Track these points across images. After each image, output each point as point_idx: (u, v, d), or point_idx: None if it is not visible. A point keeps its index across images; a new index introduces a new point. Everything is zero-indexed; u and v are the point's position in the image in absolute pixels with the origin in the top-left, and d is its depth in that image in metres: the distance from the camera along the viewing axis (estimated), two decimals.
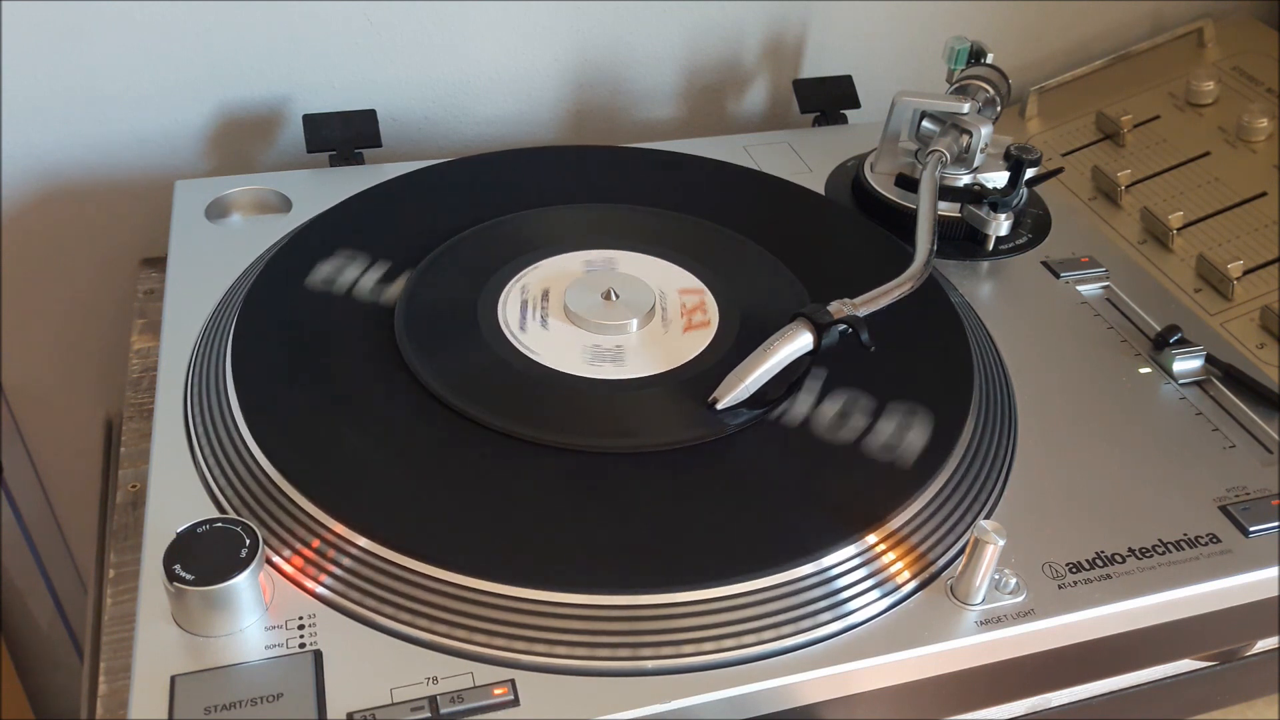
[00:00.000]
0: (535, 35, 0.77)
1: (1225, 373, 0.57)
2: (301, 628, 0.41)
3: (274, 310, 0.55)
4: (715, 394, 0.51)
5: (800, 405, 0.52)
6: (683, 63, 0.82)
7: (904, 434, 0.50)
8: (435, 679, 0.40)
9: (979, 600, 0.44)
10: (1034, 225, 0.68)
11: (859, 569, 0.45)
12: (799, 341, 0.51)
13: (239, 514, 0.45)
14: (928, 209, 0.61)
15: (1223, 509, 0.49)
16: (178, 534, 0.41)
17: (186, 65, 0.71)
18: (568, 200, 0.65)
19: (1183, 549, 0.48)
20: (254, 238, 0.62)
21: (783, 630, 0.42)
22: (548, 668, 0.41)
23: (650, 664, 0.41)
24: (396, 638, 0.41)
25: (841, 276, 0.59)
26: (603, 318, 0.55)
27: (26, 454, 0.84)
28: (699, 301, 0.58)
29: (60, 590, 0.91)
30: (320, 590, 0.43)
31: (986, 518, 0.48)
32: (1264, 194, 0.74)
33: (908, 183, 0.67)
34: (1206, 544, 0.48)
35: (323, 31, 0.73)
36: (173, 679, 0.39)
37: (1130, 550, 0.47)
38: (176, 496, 0.46)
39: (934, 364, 0.55)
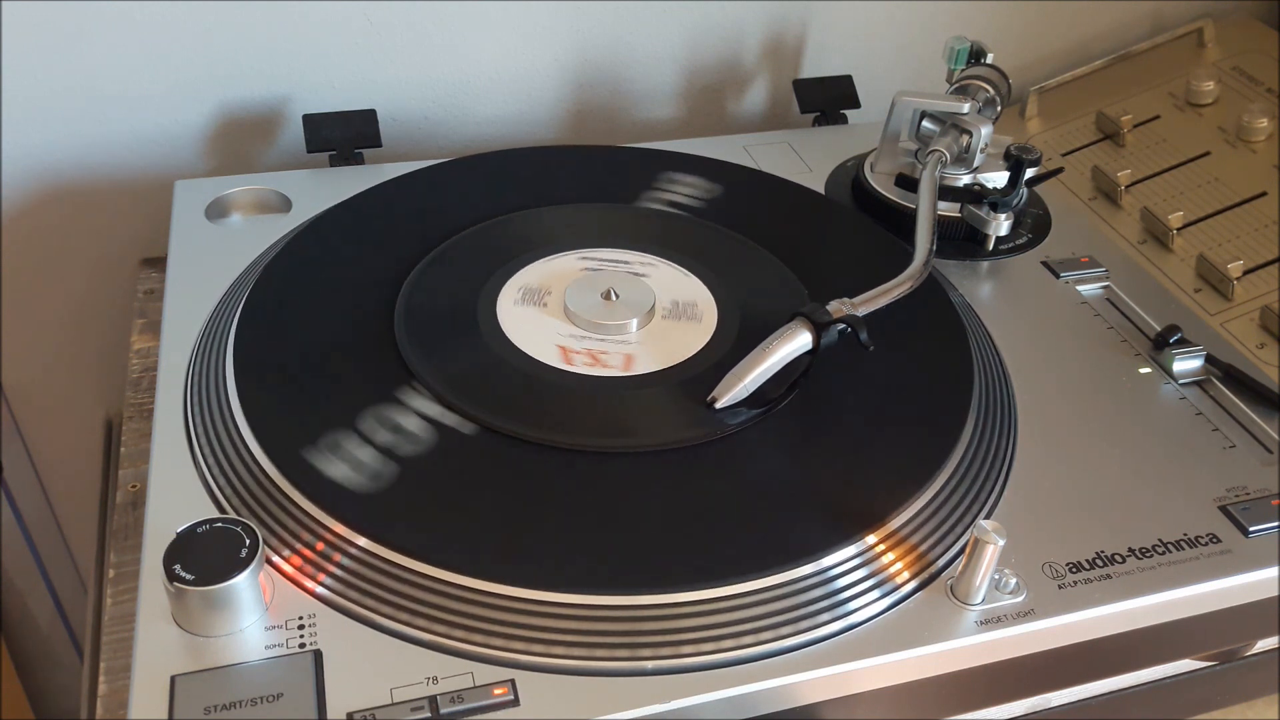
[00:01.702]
0: (535, 35, 0.77)
1: (1225, 373, 0.57)
2: (301, 628, 0.41)
3: (274, 310, 0.55)
4: (714, 393, 0.51)
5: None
6: (683, 63, 0.82)
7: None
8: (435, 679, 0.40)
9: (979, 600, 0.44)
10: (1034, 225, 0.68)
11: (859, 569, 0.45)
12: (798, 341, 0.51)
13: (239, 514, 0.45)
14: (927, 209, 0.61)
15: (1223, 509, 0.49)
16: (178, 534, 0.41)
17: (186, 65, 0.71)
18: (568, 200, 0.65)
19: (1183, 549, 0.48)
20: (254, 238, 0.62)
21: (783, 630, 0.42)
22: (548, 668, 0.41)
23: (650, 664, 0.41)
24: (396, 638, 0.41)
25: (841, 276, 0.59)
26: (603, 318, 0.55)
27: (26, 454, 0.84)
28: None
29: (60, 590, 0.91)
30: (320, 590, 0.43)
31: (986, 518, 0.48)
32: (1264, 194, 0.74)
33: (908, 183, 0.67)
34: (1206, 544, 0.48)
35: (323, 31, 0.73)
36: (173, 679, 0.39)
37: (1130, 550, 0.47)
38: (176, 496, 0.46)
39: (934, 364, 0.55)
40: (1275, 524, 0.49)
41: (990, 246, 0.65)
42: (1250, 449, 0.53)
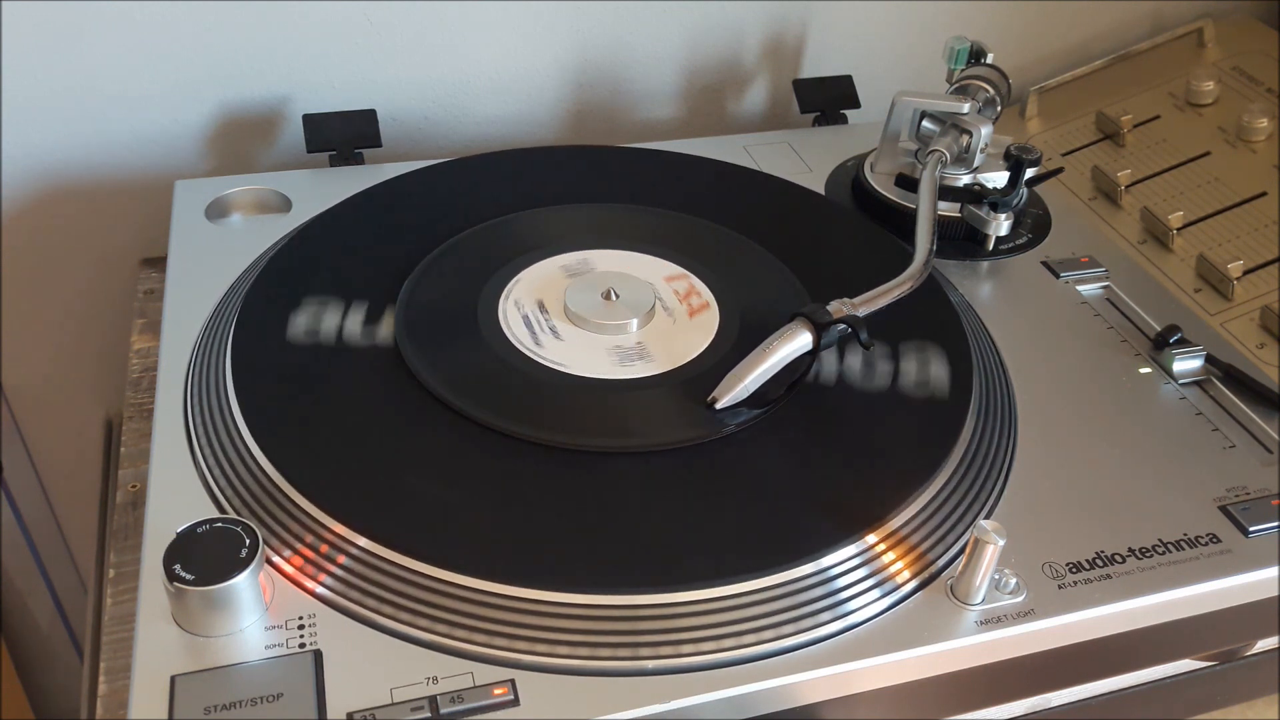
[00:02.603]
0: (535, 35, 0.77)
1: (1225, 373, 0.57)
2: (301, 628, 0.41)
3: (274, 310, 0.55)
4: (714, 393, 0.51)
5: (800, 405, 0.52)
6: (683, 63, 0.82)
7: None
8: (435, 679, 0.40)
9: (979, 600, 0.44)
10: (1034, 225, 0.68)
11: (859, 569, 0.45)
12: (798, 341, 0.51)
13: (239, 514, 0.45)
14: (927, 209, 0.61)
15: (1223, 509, 0.49)
16: (178, 534, 0.41)
17: (186, 65, 0.71)
18: (568, 200, 0.65)
19: (1183, 549, 0.48)
20: (254, 238, 0.62)
21: (783, 630, 0.42)
22: (548, 668, 0.41)
23: (650, 664, 0.41)
24: (396, 638, 0.41)
25: (841, 276, 0.59)
26: (603, 318, 0.55)
27: (26, 454, 0.84)
28: (701, 302, 0.58)
29: (60, 590, 0.91)
30: (320, 590, 0.43)
31: (986, 518, 0.48)
32: (1264, 194, 0.74)
33: (908, 183, 0.67)
34: (1206, 544, 0.48)
35: (323, 31, 0.73)
36: (173, 679, 0.39)
37: (1130, 550, 0.47)
38: (176, 496, 0.46)
39: (934, 364, 0.55)
40: (1275, 524, 0.49)
41: (990, 246, 0.65)
42: (1250, 449, 0.53)
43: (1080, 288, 0.63)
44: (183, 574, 0.40)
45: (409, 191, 0.66)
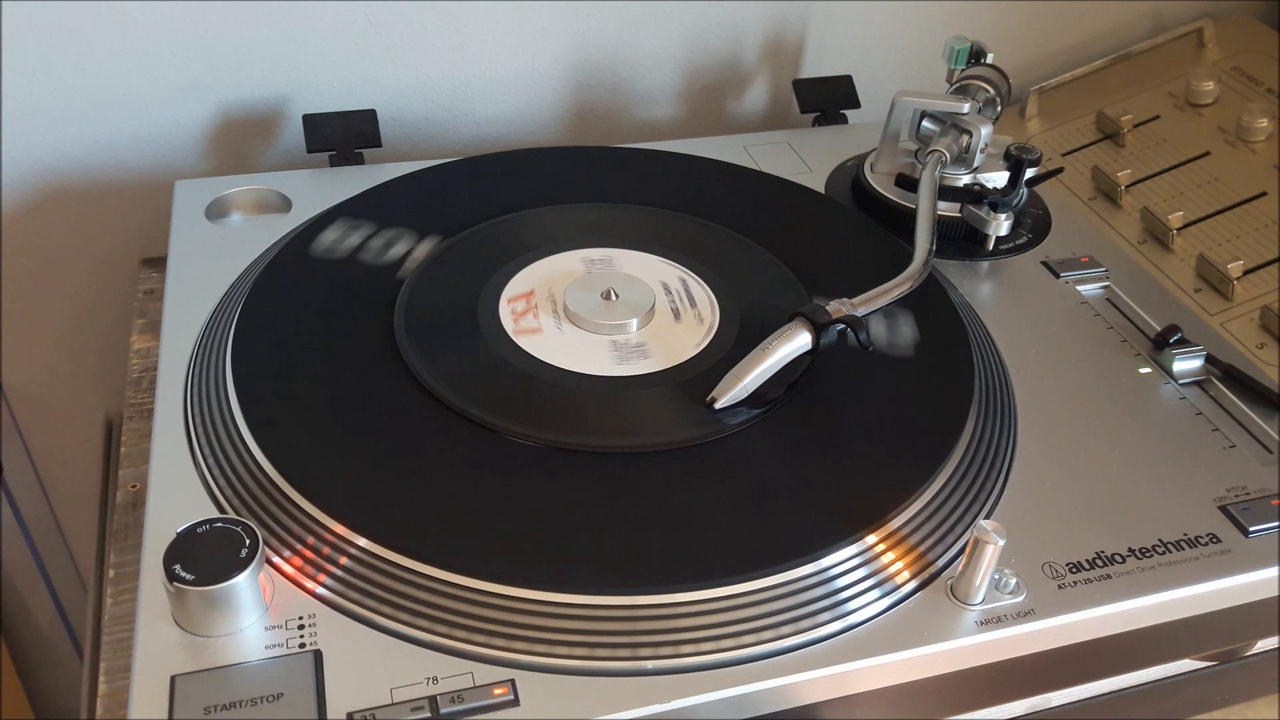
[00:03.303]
0: (535, 35, 0.77)
1: (1225, 373, 0.57)
2: (301, 628, 0.41)
3: (274, 310, 0.55)
4: (714, 393, 0.51)
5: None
6: (683, 63, 0.82)
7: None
8: (435, 679, 0.40)
9: (979, 600, 0.44)
10: (1034, 225, 0.68)
11: (859, 569, 0.45)
12: (797, 341, 0.51)
13: (239, 514, 0.45)
14: (927, 209, 0.61)
15: (1223, 509, 0.49)
16: (178, 534, 0.41)
17: (186, 65, 0.71)
18: (568, 200, 0.65)
19: (1183, 549, 0.48)
20: (254, 238, 0.62)
21: (783, 630, 0.42)
22: (548, 668, 0.41)
23: (650, 664, 0.41)
24: (396, 638, 0.41)
25: (841, 276, 0.59)
26: (603, 318, 0.55)
27: (26, 454, 0.84)
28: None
29: (60, 590, 0.91)
30: (320, 590, 0.43)
31: (986, 518, 0.48)
32: (1264, 194, 0.74)
33: (908, 183, 0.67)
34: (1206, 544, 0.48)
35: (323, 31, 0.73)
36: (173, 679, 0.39)
37: (1130, 550, 0.47)
38: (176, 496, 0.46)
39: (934, 364, 0.55)
40: (1275, 524, 0.49)
41: (990, 246, 0.65)
42: (1250, 449, 0.53)
43: (1080, 288, 0.63)
44: (183, 574, 0.40)
45: (409, 191, 0.66)
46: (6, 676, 0.87)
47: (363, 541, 0.43)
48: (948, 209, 0.65)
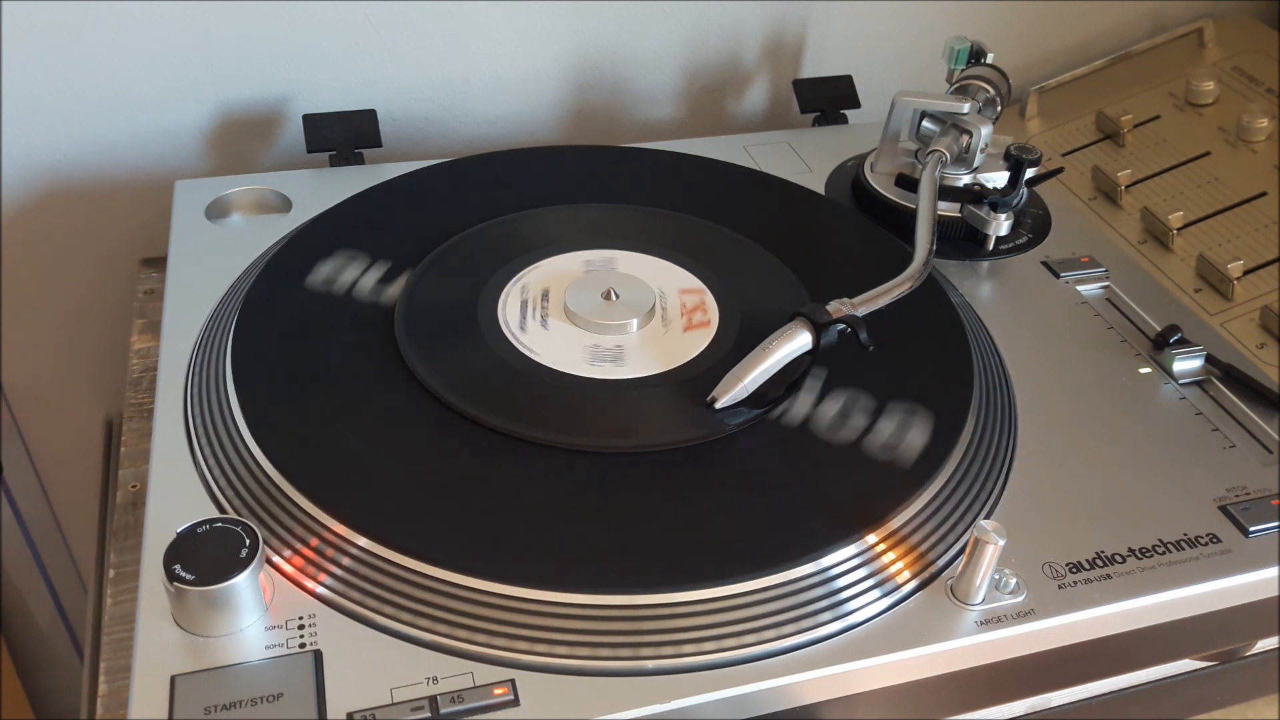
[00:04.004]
0: (535, 35, 0.77)
1: (1225, 373, 0.57)
2: (301, 628, 0.41)
3: (274, 310, 0.55)
4: (714, 393, 0.51)
5: (800, 405, 0.52)
6: (683, 63, 0.82)
7: (904, 433, 0.50)
8: (435, 679, 0.40)
9: (979, 600, 0.44)
10: (1034, 225, 0.68)
11: (859, 569, 0.45)
12: (797, 341, 0.51)
13: (239, 514, 0.45)
14: (927, 209, 0.61)
15: (1223, 509, 0.49)
16: (178, 534, 0.41)
17: (186, 65, 0.71)
18: (568, 200, 0.65)
19: (1183, 549, 0.48)
20: (254, 238, 0.62)
21: (783, 630, 0.42)
22: (548, 668, 0.41)
23: (650, 664, 0.41)
24: (396, 638, 0.41)
25: (841, 276, 0.59)
26: (603, 318, 0.55)
27: (26, 454, 0.84)
28: (699, 301, 0.58)
29: (60, 590, 0.91)
30: (320, 590, 0.43)
31: (986, 518, 0.48)
32: (1264, 194, 0.74)
33: (908, 183, 0.67)
34: (1206, 544, 0.48)
35: (323, 31, 0.73)
36: (173, 679, 0.39)
37: (1130, 550, 0.47)
38: (176, 496, 0.46)
39: (934, 364, 0.55)
40: (1275, 524, 0.49)
41: (990, 246, 0.65)
42: (1250, 449, 0.53)
43: (1080, 288, 0.63)
44: (183, 574, 0.40)
45: (409, 191, 0.66)
46: (6, 676, 0.87)
47: (363, 541, 0.43)
48: (948, 209, 0.65)
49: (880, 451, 0.49)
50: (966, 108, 0.66)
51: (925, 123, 0.67)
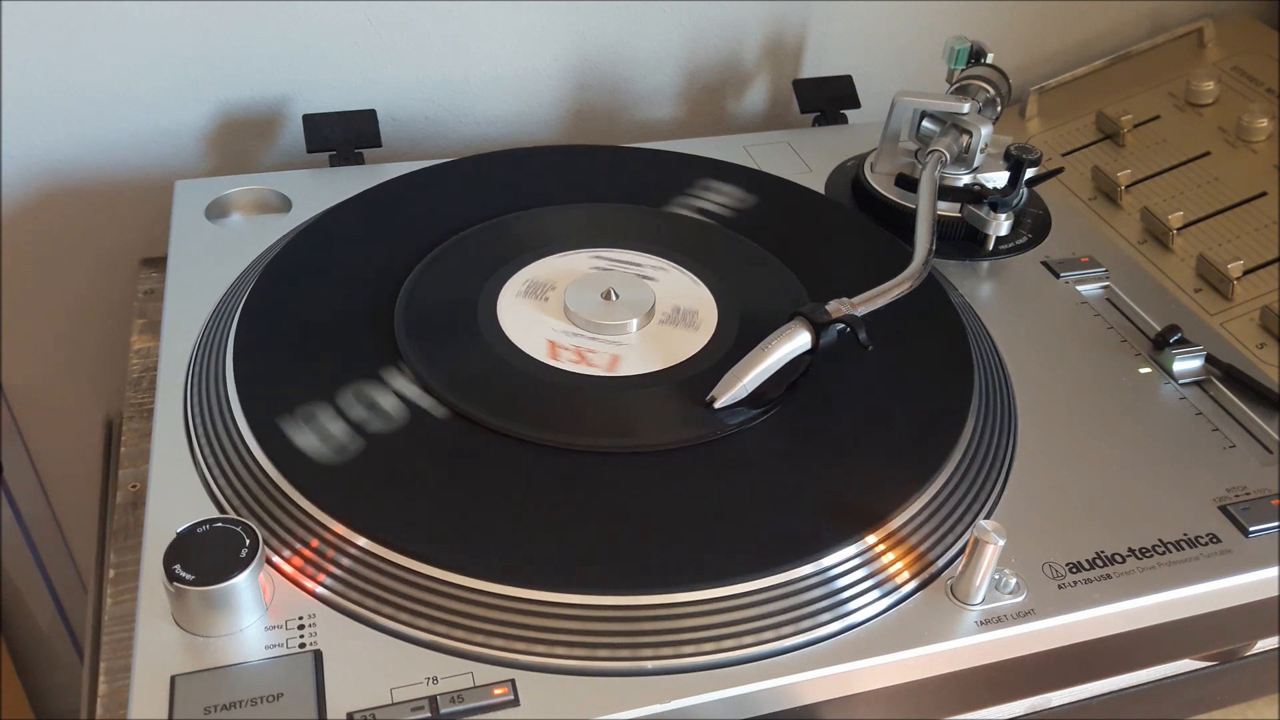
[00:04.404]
0: (535, 35, 0.77)
1: (1225, 373, 0.57)
2: (301, 628, 0.41)
3: (274, 310, 0.55)
4: (713, 393, 0.51)
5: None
6: (683, 63, 0.82)
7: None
8: (435, 679, 0.40)
9: (979, 600, 0.44)
10: (1034, 225, 0.68)
11: (859, 569, 0.45)
12: (797, 340, 0.51)
13: (239, 514, 0.45)
14: (927, 209, 0.61)
15: (1223, 509, 0.49)
16: (178, 534, 0.41)
17: (186, 65, 0.71)
18: (568, 200, 0.65)
19: (1183, 549, 0.48)
20: (254, 238, 0.62)
21: (783, 630, 0.42)
22: (548, 668, 0.41)
23: (650, 664, 0.41)
24: (396, 638, 0.41)
25: (841, 276, 0.59)
26: (603, 318, 0.55)
27: (26, 454, 0.84)
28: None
29: (60, 590, 0.91)
30: (320, 590, 0.43)
31: (986, 518, 0.48)
32: (1264, 194, 0.74)
33: (908, 183, 0.67)
34: (1206, 544, 0.48)
35: (323, 31, 0.73)
36: (173, 679, 0.39)
37: (1130, 550, 0.47)
38: (176, 496, 0.46)
39: (934, 364, 0.55)
40: (1275, 524, 0.49)
41: (990, 246, 0.65)
42: (1250, 449, 0.53)
43: (1080, 288, 0.63)
44: (183, 574, 0.40)
45: (409, 191, 0.66)
46: (6, 676, 0.87)
47: (363, 541, 0.43)
48: (948, 209, 0.65)
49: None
50: (966, 108, 0.66)
51: (925, 123, 0.67)
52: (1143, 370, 0.57)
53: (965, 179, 0.66)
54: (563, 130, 0.83)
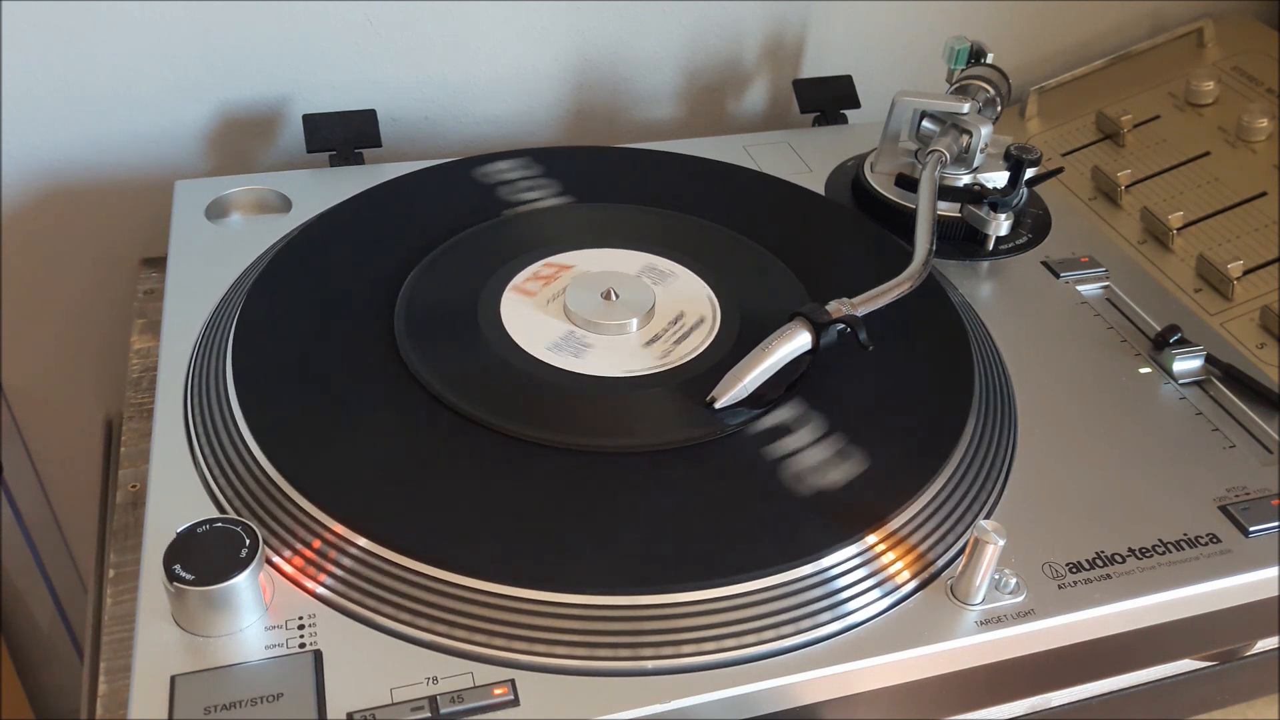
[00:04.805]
0: (535, 35, 0.77)
1: (1225, 373, 0.57)
2: (301, 628, 0.41)
3: (274, 310, 0.55)
4: (714, 393, 0.51)
5: (800, 405, 0.52)
6: (683, 63, 0.82)
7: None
8: (435, 679, 0.40)
9: (979, 600, 0.44)
10: (1034, 225, 0.68)
11: (859, 569, 0.45)
12: (797, 341, 0.51)
13: (239, 514, 0.45)
14: (927, 209, 0.61)
15: (1223, 509, 0.49)
16: (178, 534, 0.41)
17: (186, 65, 0.71)
18: (568, 200, 0.65)
19: (1183, 549, 0.48)
20: (254, 238, 0.62)
21: (783, 630, 0.42)
22: (548, 668, 0.41)
23: (650, 664, 0.41)
24: (396, 638, 0.41)
25: (841, 276, 0.59)
26: (603, 318, 0.55)
27: (26, 454, 0.84)
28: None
29: (60, 590, 0.91)
30: (320, 590, 0.43)
31: (986, 518, 0.48)
32: (1264, 194, 0.74)
33: (908, 183, 0.67)
34: (1206, 544, 0.48)
35: (323, 31, 0.73)
36: (173, 679, 0.39)
37: (1130, 550, 0.47)
38: (176, 496, 0.46)
39: (934, 364, 0.55)
40: (1275, 524, 0.49)
41: (990, 246, 0.65)
42: (1250, 449, 0.53)
43: (1080, 288, 0.63)
44: (183, 574, 0.40)
45: (409, 191, 0.66)
46: (6, 676, 0.87)
47: (363, 541, 0.43)
48: (948, 209, 0.65)
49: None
50: (966, 108, 0.66)
51: (925, 123, 0.67)
52: (1143, 370, 0.57)
53: (965, 179, 0.66)
54: (563, 130, 0.83)
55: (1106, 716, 0.54)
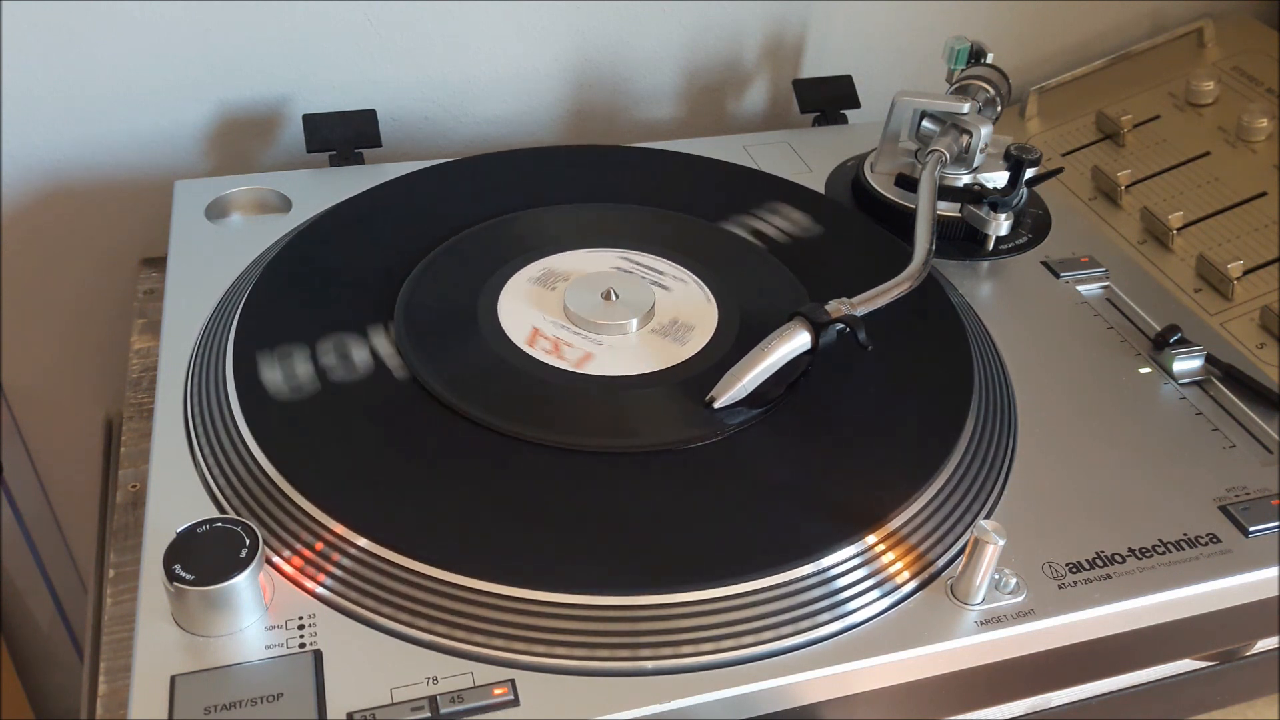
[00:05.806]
0: (535, 35, 0.77)
1: (1225, 373, 0.57)
2: (301, 628, 0.41)
3: (274, 310, 0.55)
4: (713, 393, 0.51)
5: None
6: (683, 63, 0.82)
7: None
8: (435, 679, 0.40)
9: (979, 600, 0.44)
10: (1034, 225, 0.68)
11: (859, 569, 0.45)
12: (796, 341, 0.51)
13: (239, 514, 0.45)
14: (927, 209, 0.61)
15: (1223, 509, 0.49)
16: (178, 534, 0.41)
17: (186, 65, 0.71)
18: (568, 200, 0.65)
19: (1183, 549, 0.48)
20: (254, 238, 0.62)
21: (783, 630, 0.42)
22: (548, 668, 0.41)
23: (650, 664, 0.41)
24: (396, 638, 0.41)
25: (841, 276, 0.59)
26: (603, 318, 0.55)
27: (26, 454, 0.84)
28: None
29: (60, 590, 0.91)
30: (320, 590, 0.43)
31: (986, 518, 0.48)
32: (1264, 194, 0.74)
33: (908, 183, 0.67)
34: (1206, 544, 0.48)
35: (323, 31, 0.73)
36: (173, 679, 0.39)
37: (1130, 550, 0.47)
38: (176, 496, 0.46)
39: (934, 364, 0.55)
40: (1275, 524, 0.49)
41: (990, 246, 0.65)
42: (1250, 449, 0.53)
43: (1080, 288, 0.63)
44: (183, 574, 0.40)
45: (409, 191, 0.66)
46: (6, 676, 0.87)
47: (363, 541, 0.43)
48: (948, 209, 0.65)
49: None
50: (966, 108, 0.66)
51: (925, 123, 0.67)
52: (1143, 370, 0.57)
53: (965, 179, 0.66)
54: (563, 130, 0.83)
55: (1106, 716, 0.54)
